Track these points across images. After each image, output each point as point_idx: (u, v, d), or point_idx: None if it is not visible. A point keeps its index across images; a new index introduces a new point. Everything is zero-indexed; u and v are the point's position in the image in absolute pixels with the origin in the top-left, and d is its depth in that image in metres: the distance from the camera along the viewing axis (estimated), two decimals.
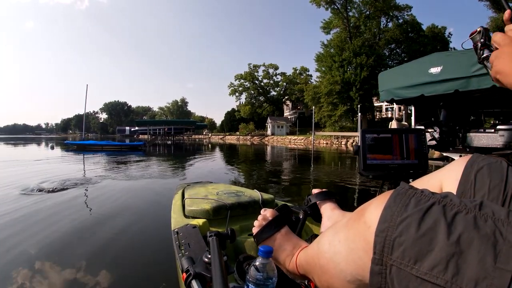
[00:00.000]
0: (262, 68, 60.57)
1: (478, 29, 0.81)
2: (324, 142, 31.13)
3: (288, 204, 1.23)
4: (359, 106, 13.30)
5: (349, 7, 37.08)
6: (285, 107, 64.09)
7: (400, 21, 38.21)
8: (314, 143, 29.96)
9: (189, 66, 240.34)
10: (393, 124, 8.28)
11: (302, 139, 36.39)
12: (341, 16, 37.33)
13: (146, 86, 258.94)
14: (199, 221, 1.56)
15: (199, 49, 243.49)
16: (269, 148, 25.64)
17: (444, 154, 5.40)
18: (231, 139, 50.17)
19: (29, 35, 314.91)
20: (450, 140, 5.12)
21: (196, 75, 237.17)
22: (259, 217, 1.01)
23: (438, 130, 5.09)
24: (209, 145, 30.50)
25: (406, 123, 8.32)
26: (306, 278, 0.81)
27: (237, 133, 55.73)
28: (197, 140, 48.21)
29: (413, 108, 7.54)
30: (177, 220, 1.69)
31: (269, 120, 52.22)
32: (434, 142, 5.19)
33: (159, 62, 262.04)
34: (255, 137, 47.29)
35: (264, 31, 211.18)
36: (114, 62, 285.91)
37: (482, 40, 0.78)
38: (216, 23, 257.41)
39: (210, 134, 62.58)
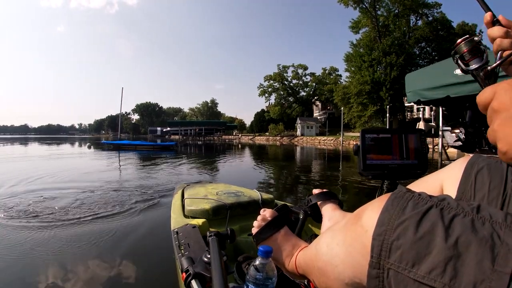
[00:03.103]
0: (291, 68, 60.86)
1: (475, 37, 0.78)
2: (354, 142, 30.66)
3: (288, 204, 1.24)
4: (388, 106, 13.02)
5: (377, 6, 36.26)
6: (314, 107, 63.67)
7: (430, 19, 36.86)
8: (343, 144, 29.66)
9: (218, 67, 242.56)
10: (421, 125, 8.27)
11: (331, 139, 36.10)
12: (369, 15, 36.61)
13: (177, 87, 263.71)
14: (199, 221, 1.58)
15: (228, 50, 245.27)
16: (298, 149, 25.68)
17: (470, 155, 5.41)
18: (260, 139, 50.43)
19: (61, 39, 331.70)
20: (476, 141, 5.13)
21: (225, 76, 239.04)
22: (259, 217, 1.01)
23: (463, 131, 5.12)
24: (239, 146, 30.80)
25: (433, 124, 8.26)
26: (305, 278, 0.81)
27: (267, 133, 55.86)
28: (227, 140, 48.90)
29: (441, 109, 7.53)
30: (176, 220, 1.70)
31: (298, 121, 52.19)
32: (459, 143, 5.22)
33: (189, 63, 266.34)
34: (284, 138, 47.34)
35: (293, 31, 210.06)
36: (145, 64, 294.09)
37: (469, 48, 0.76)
38: (245, 24, 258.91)
39: (240, 135, 63.04)
